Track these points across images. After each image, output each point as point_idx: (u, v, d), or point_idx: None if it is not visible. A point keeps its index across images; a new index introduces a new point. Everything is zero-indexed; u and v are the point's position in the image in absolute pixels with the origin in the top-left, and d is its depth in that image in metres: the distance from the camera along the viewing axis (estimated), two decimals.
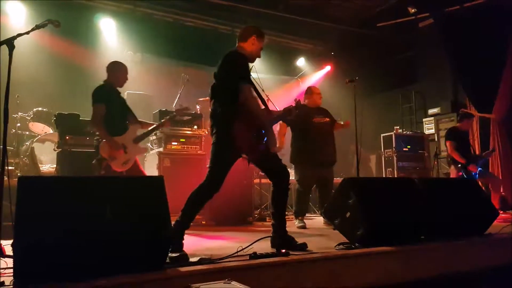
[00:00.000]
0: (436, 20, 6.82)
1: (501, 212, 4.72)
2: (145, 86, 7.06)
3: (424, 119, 7.71)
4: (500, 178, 5.77)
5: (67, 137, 4.18)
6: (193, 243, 3.02)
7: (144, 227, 1.95)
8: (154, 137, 4.88)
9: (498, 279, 2.73)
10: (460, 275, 2.65)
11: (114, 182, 2.09)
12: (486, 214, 3.23)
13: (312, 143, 4.28)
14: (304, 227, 4.20)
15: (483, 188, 5.22)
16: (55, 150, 4.32)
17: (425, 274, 2.55)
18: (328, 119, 4.50)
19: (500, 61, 5.91)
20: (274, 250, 2.35)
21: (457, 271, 2.67)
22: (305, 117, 4.27)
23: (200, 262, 2.06)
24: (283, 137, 4.43)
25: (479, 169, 5.04)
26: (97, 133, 3.53)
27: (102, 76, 3.87)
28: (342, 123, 4.56)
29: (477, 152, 5.79)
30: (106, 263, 1.78)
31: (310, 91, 4.59)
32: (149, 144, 5.07)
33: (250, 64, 3.00)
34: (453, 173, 5.26)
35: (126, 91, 6.74)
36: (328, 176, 4.42)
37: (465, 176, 4.98)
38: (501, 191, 5.60)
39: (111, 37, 7.20)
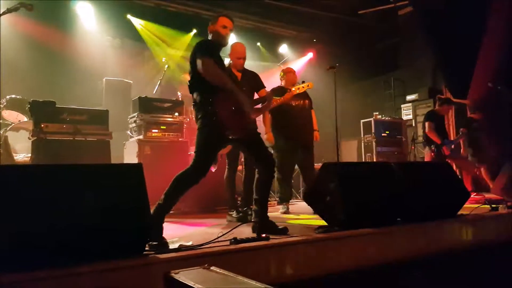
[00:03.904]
0: (415, 7, 6.89)
1: (473, 193, 4.90)
2: (124, 72, 6.92)
3: (402, 105, 7.87)
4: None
5: (43, 125, 4.07)
6: (174, 230, 3.03)
7: (123, 215, 1.93)
8: (134, 124, 4.81)
9: (471, 258, 2.85)
10: (434, 256, 2.75)
11: (91, 169, 2.06)
12: (459, 196, 3.34)
13: (291, 127, 4.20)
14: (287, 212, 4.25)
15: (457, 170, 5.41)
16: (30, 139, 4.19)
17: (401, 255, 2.63)
18: (307, 101, 4.43)
19: (476, 49, 6.04)
20: (255, 235, 2.37)
21: (432, 252, 2.77)
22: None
23: (180, 248, 2.07)
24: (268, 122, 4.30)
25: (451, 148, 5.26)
26: None
27: (80, 62, 3.77)
28: (316, 128, 4.49)
29: (451, 138, 5.96)
30: (84, 250, 1.77)
31: (283, 71, 4.50)
32: (128, 132, 4.99)
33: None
34: (427, 155, 5.42)
35: (105, 78, 6.62)
36: (308, 159, 4.36)
37: (438, 154, 5.14)
38: (475, 172, 5.81)
39: (89, 21, 6.99)
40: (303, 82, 3.45)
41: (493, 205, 3.56)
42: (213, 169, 4.01)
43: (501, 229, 3.27)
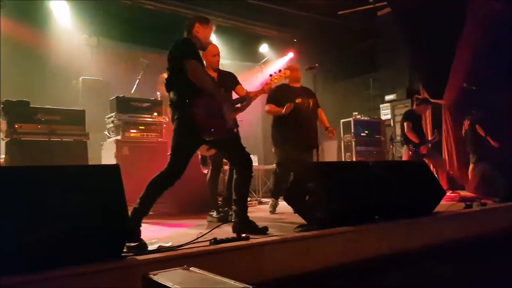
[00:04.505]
0: (393, 8, 7.02)
1: (449, 191, 5.05)
2: (101, 72, 6.76)
3: (381, 105, 8.02)
4: (454, 159, 6.20)
5: (16, 126, 3.95)
6: (154, 232, 2.99)
7: (100, 217, 1.90)
8: (111, 125, 4.71)
9: (446, 254, 2.93)
10: (412, 252, 2.82)
11: (68, 171, 2.00)
12: (434, 194, 3.44)
13: (294, 126, 4.04)
14: (273, 212, 4.24)
15: (433, 169, 5.56)
16: (4, 140, 4.07)
17: (380, 252, 2.68)
18: (312, 100, 4.29)
19: (452, 50, 6.22)
20: (235, 235, 2.37)
21: (409, 248, 2.83)
22: (287, 97, 4.08)
23: (159, 250, 2.05)
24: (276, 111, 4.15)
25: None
26: None
27: (55, 60, 3.66)
28: (327, 125, 4.35)
29: (428, 137, 6.11)
30: (61, 253, 1.73)
31: (288, 68, 4.23)
32: (106, 132, 4.89)
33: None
34: (405, 153, 5.54)
35: (81, 77, 6.46)
36: (308, 158, 4.22)
37: (415, 153, 5.27)
38: (449, 170, 6.00)
39: (64, 19, 6.80)
40: (280, 71, 3.37)
41: (467, 203, 3.68)
42: (204, 171, 3.98)
43: (474, 226, 3.38)
